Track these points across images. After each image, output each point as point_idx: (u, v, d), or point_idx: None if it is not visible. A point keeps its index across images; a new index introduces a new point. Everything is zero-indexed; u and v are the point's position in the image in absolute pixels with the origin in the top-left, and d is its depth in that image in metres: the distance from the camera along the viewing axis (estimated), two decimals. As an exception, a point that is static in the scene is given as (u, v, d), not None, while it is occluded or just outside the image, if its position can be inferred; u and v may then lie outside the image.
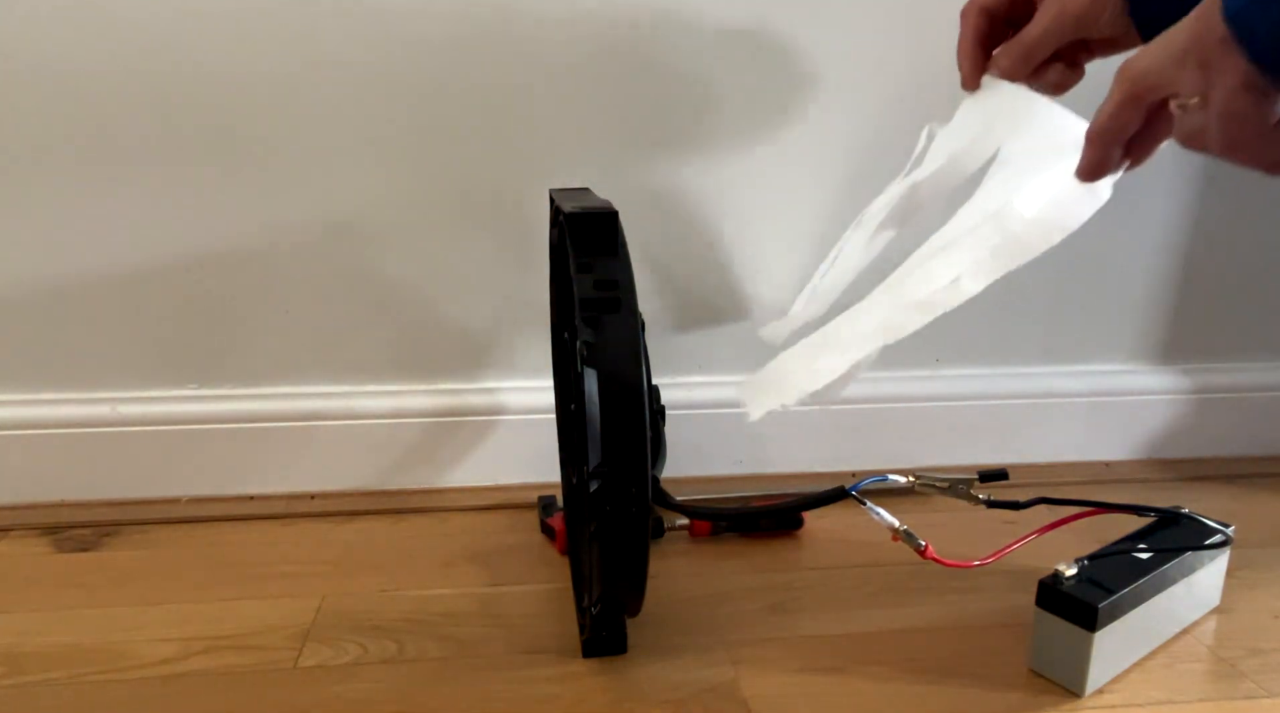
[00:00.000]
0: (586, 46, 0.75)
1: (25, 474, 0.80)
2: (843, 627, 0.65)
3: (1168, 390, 0.92)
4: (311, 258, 0.78)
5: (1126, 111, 0.45)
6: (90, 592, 0.68)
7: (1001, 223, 0.52)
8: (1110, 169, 0.48)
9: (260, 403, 0.81)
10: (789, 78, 0.78)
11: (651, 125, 0.78)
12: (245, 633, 0.63)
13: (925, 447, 0.88)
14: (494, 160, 0.77)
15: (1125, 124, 0.46)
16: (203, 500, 0.82)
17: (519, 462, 0.85)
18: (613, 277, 0.52)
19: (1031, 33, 0.56)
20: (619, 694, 0.57)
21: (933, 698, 0.57)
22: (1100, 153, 0.47)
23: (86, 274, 0.76)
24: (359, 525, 0.79)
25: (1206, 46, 0.40)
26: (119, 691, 0.57)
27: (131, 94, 0.72)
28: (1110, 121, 0.46)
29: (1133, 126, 0.46)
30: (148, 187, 0.74)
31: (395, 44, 0.73)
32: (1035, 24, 0.56)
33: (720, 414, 0.85)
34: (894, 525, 0.57)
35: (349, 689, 0.58)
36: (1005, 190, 0.54)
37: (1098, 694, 0.58)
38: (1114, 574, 0.58)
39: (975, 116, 0.59)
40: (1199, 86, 0.41)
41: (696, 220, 0.81)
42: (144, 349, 0.79)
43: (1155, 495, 0.84)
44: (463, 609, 0.67)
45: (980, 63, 0.59)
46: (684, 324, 0.84)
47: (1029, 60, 0.57)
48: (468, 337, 0.83)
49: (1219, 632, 0.65)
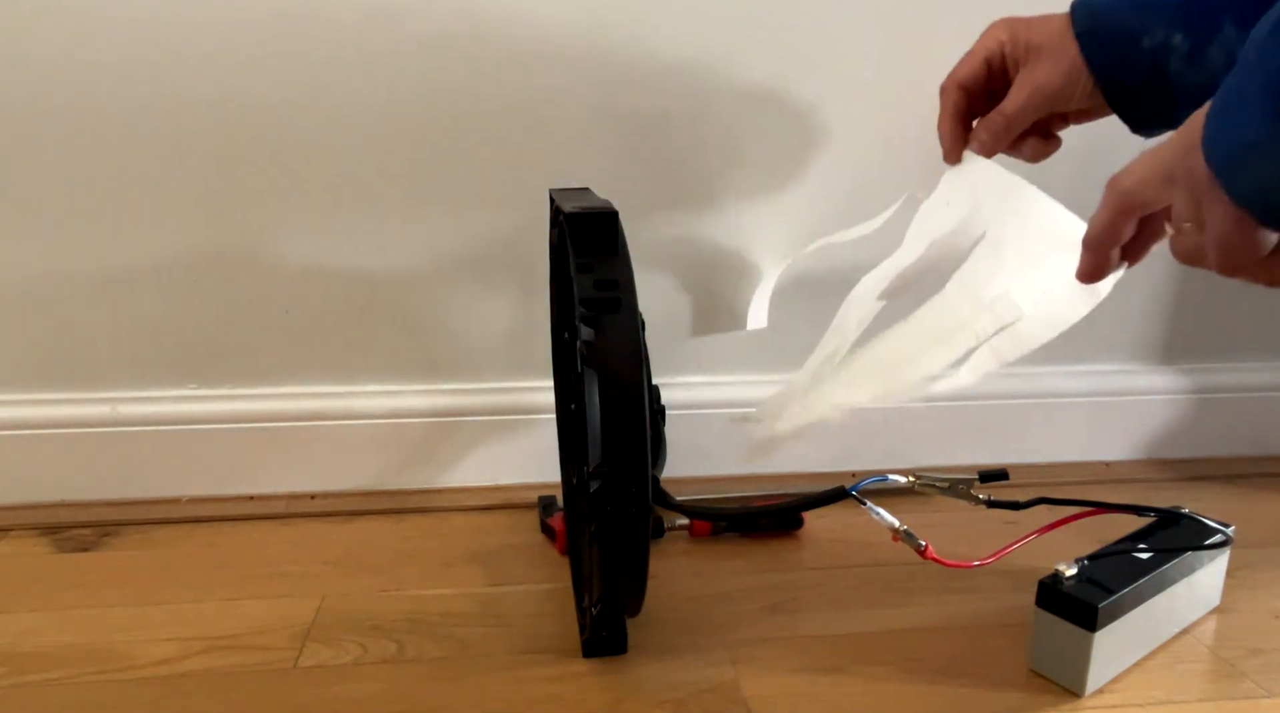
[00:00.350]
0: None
1: (25, 474, 0.80)
2: (843, 627, 0.65)
3: (1168, 390, 0.92)
4: (311, 258, 0.78)
5: (1117, 224, 0.47)
6: (90, 592, 0.68)
7: (1000, 317, 0.55)
8: (1108, 272, 0.50)
9: (260, 403, 0.81)
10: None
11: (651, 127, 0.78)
12: (245, 633, 0.63)
13: (925, 447, 0.88)
14: (494, 160, 0.77)
15: (1118, 234, 0.47)
16: (203, 500, 0.82)
17: (519, 462, 0.85)
18: (613, 277, 0.52)
19: (1008, 109, 0.58)
20: (619, 694, 0.57)
21: (932, 698, 0.57)
22: (1098, 259, 0.49)
23: (87, 274, 0.76)
24: (359, 525, 0.79)
25: (1195, 179, 0.41)
26: (119, 691, 0.57)
27: (131, 94, 0.72)
28: (1104, 233, 0.48)
29: (1126, 235, 0.48)
30: (148, 186, 0.74)
31: (397, 45, 0.73)
32: (1011, 100, 0.58)
33: (720, 414, 0.85)
34: (894, 525, 0.57)
35: (349, 689, 0.58)
36: (1001, 278, 0.56)
37: (1098, 694, 0.58)
38: (1114, 574, 0.58)
39: (962, 195, 0.61)
40: (1192, 214, 0.42)
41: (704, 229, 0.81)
42: (144, 349, 0.79)
43: (1155, 495, 0.84)
44: (463, 609, 0.67)
45: (961, 137, 0.61)
46: (684, 324, 0.84)
47: (1006, 135, 0.59)
48: (468, 337, 0.83)
49: (1219, 632, 0.65)
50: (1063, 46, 0.56)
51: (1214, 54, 0.53)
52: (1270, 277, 0.41)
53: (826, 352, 0.68)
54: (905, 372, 0.57)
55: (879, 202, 0.71)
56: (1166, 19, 0.54)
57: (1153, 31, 0.54)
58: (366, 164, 0.76)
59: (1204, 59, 0.53)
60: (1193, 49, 0.53)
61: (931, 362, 0.56)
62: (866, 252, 0.67)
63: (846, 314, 0.67)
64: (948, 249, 0.62)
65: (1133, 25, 0.55)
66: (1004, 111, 0.59)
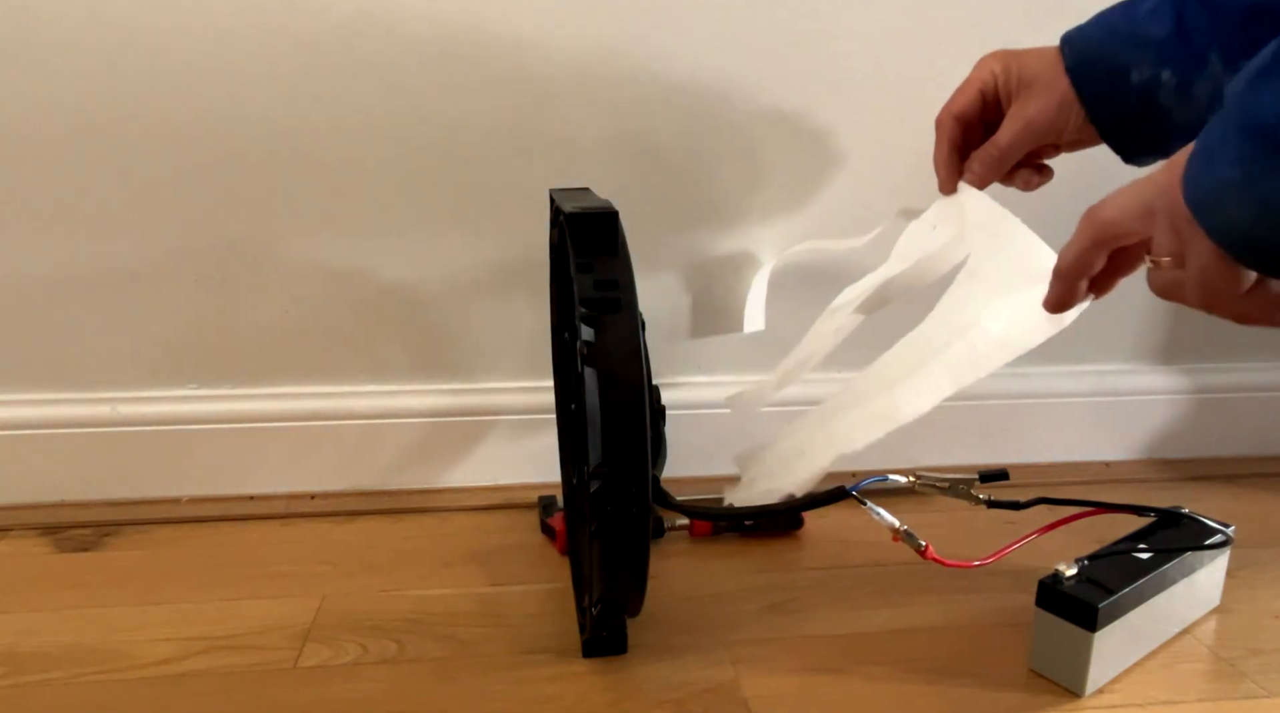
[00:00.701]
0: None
1: (25, 474, 0.80)
2: (843, 627, 0.65)
3: (1168, 390, 0.92)
4: (311, 258, 0.78)
5: (1091, 254, 0.48)
6: (90, 592, 0.68)
7: (973, 344, 0.56)
8: (1075, 302, 0.51)
9: (260, 403, 0.81)
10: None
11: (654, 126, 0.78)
12: (245, 633, 0.63)
13: (925, 447, 0.88)
14: (494, 160, 0.77)
15: (1090, 264, 0.48)
16: (203, 500, 0.82)
17: (519, 462, 0.85)
18: (613, 277, 0.52)
19: (1001, 141, 0.60)
20: (619, 694, 0.57)
21: (933, 698, 0.57)
22: (1066, 288, 0.50)
23: (86, 274, 0.76)
24: (359, 525, 0.79)
25: (1176, 216, 0.41)
26: (119, 691, 0.57)
27: (132, 95, 0.72)
28: (1075, 262, 0.48)
29: (1097, 267, 0.48)
30: (148, 186, 0.74)
31: (398, 45, 0.73)
32: (1004, 132, 0.60)
33: (721, 414, 0.85)
34: (894, 525, 0.57)
35: (349, 689, 0.58)
36: (974, 307, 0.57)
37: (1098, 694, 0.58)
38: (1114, 574, 0.58)
39: (948, 220, 0.63)
40: (1173, 248, 0.42)
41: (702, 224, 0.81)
42: (144, 349, 0.79)
43: (1155, 495, 0.84)
44: (463, 609, 0.67)
45: (956, 168, 0.62)
46: (685, 324, 0.84)
47: (1000, 167, 0.61)
48: (467, 337, 0.83)
49: (1219, 632, 0.65)
50: (1054, 80, 0.57)
51: (1201, 89, 0.54)
52: (1245, 314, 0.42)
53: (799, 357, 0.70)
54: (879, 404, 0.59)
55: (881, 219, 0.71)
56: (1154, 54, 0.54)
57: (1141, 66, 0.55)
58: (367, 165, 0.76)
59: (1192, 94, 0.54)
60: (1181, 84, 0.54)
61: (905, 391, 0.58)
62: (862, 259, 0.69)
63: (824, 323, 0.69)
64: (928, 270, 0.64)
65: (1122, 60, 0.55)
66: (998, 144, 0.60)
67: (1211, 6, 0.53)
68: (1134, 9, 0.56)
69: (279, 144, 0.74)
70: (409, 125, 0.75)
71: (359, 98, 0.74)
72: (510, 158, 0.77)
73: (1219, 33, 0.52)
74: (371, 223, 0.78)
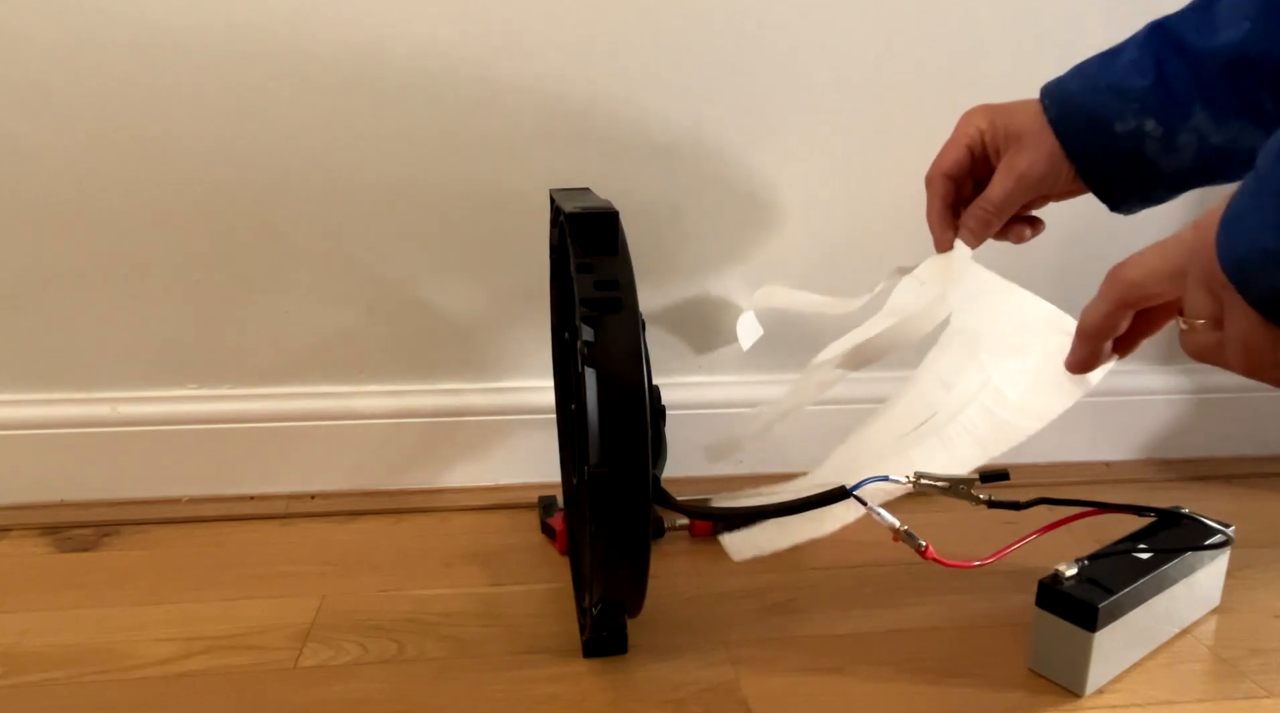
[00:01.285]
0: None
1: (25, 474, 0.80)
2: (843, 627, 0.65)
3: (1168, 390, 0.92)
4: (311, 258, 0.78)
5: (1116, 316, 0.47)
6: (90, 592, 0.68)
7: (987, 407, 0.55)
8: (1099, 363, 0.50)
9: (260, 403, 0.81)
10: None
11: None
12: (245, 633, 0.63)
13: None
14: (494, 160, 0.77)
15: (1114, 326, 0.47)
16: (203, 500, 0.82)
17: (519, 462, 0.85)
18: (613, 277, 0.52)
19: (994, 197, 0.59)
20: (619, 694, 0.57)
21: (932, 698, 0.58)
22: (1090, 350, 0.49)
23: (86, 274, 0.76)
24: (359, 525, 0.79)
25: (1212, 280, 0.40)
26: (119, 691, 0.57)
27: (132, 95, 0.72)
28: (1100, 323, 0.47)
29: (1121, 328, 0.47)
30: (147, 185, 0.74)
31: (396, 45, 0.73)
32: (996, 188, 0.59)
33: (721, 414, 0.85)
34: (894, 525, 0.57)
35: (349, 689, 0.58)
36: (975, 367, 0.57)
37: (1098, 694, 0.58)
38: (1114, 574, 0.58)
39: (937, 280, 0.62)
40: (1209, 311, 0.41)
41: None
42: (144, 349, 0.79)
43: (1155, 495, 0.84)
44: (463, 609, 0.67)
45: (950, 225, 0.62)
46: (684, 324, 0.84)
47: (994, 223, 0.60)
48: (468, 337, 0.83)
49: (1219, 632, 0.65)
50: (1041, 133, 0.57)
51: (1186, 139, 0.53)
52: None
53: (782, 409, 0.70)
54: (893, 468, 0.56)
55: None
56: (1137, 106, 0.54)
57: (1124, 118, 0.54)
58: (368, 165, 0.76)
59: (1177, 144, 0.54)
60: (1166, 133, 0.53)
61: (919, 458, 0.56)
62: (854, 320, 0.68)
63: (808, 377, 0.68)
64: (913, 328, 0.62)
65: (1104, 111, 0.55)
66: (991, 199, 0.59)
67: (1192, 58, 0.52)
68: (1113, 61, 0.55)
69: (279, 144, 0.74)
70: (409, 126, 0.75)
71: (359, 98, 0.74)
72: (510, 158, 0.77)
73: (1201, 84, 0.52)
74: (371, 223, 0.78)
